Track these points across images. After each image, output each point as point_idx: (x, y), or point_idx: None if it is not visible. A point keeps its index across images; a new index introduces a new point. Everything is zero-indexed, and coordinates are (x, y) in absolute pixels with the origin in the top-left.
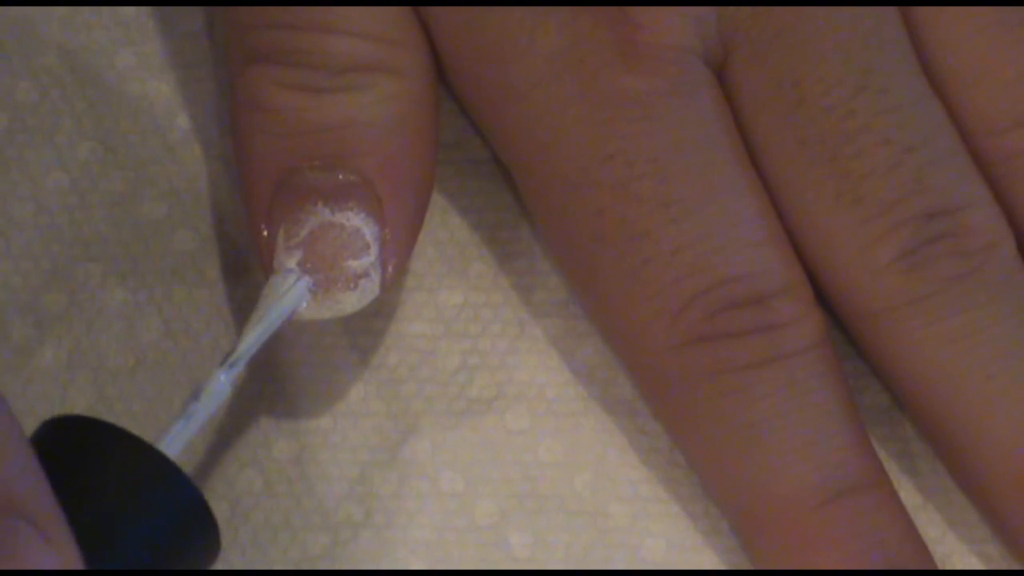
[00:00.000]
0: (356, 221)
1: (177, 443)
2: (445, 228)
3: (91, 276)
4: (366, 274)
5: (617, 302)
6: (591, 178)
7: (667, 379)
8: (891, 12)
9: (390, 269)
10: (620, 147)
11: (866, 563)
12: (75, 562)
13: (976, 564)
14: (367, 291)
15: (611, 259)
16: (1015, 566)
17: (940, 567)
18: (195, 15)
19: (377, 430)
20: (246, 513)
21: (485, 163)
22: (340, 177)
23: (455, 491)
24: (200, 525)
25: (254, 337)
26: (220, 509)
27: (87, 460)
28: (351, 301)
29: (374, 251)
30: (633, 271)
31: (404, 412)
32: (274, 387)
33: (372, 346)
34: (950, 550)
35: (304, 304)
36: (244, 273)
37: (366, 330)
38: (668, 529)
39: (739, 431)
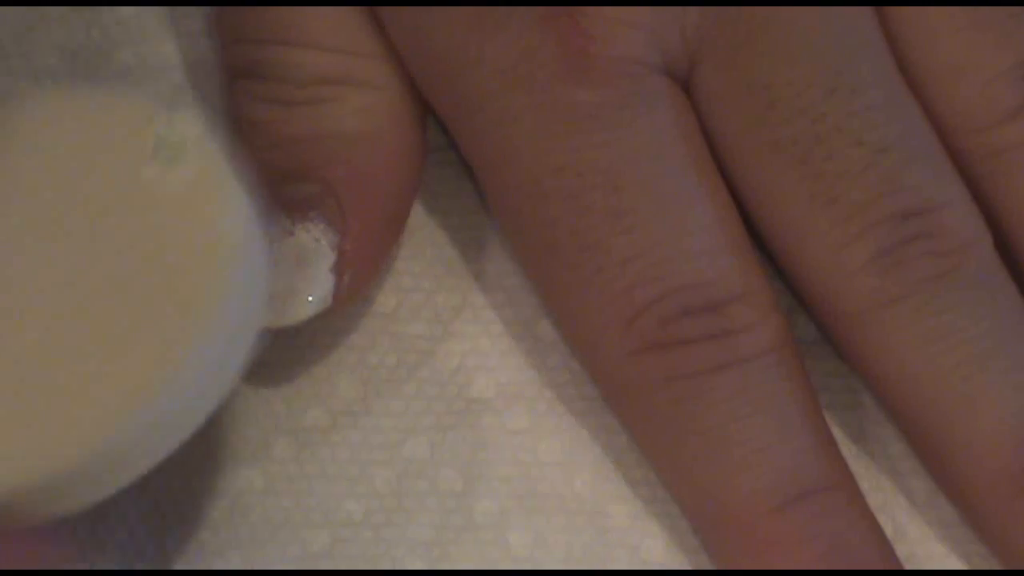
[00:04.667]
0: (316, 231)
1: None
2: (444, 229)
3: None
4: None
5: (573, 310)
6: (543, 189)
7: (624, 386)
8: (865, 12)
9: (346, 279)
10: (571, 159)
11: (825, 566)
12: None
13: (957, 565)
14: (319, 300)
15: (565, 269)
16: (997, 566)
17: (926, 567)
18: (195, 15)
19: (376, 429)
20: (246, 511)
21: None
22: (305, 189)
23: (454, 490)
24: None
25: None
26: (220, 507)
27: None
28: (302, 309)
29: (330, 261)
30: (586, 280)
31: (403, 412)
32: (273, 387)
33: (371, 346)
34: (931, 551)
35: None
36: None
37: (365, 330)
38: (668, 529)
39: (694, 436)
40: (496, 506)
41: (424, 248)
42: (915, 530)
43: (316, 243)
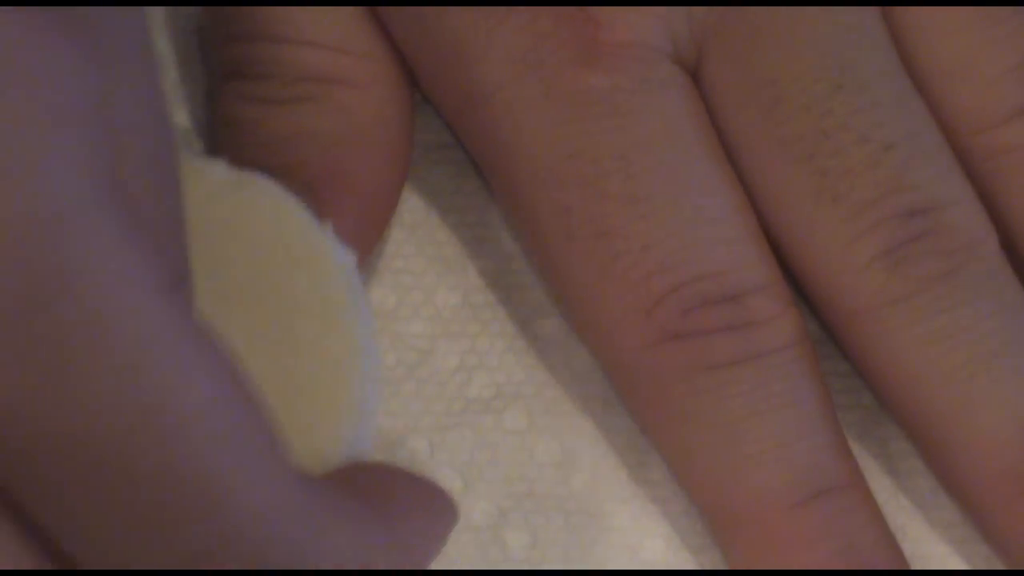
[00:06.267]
0: None
1: None
2: (444, 228)
3: None
4: None
5: (588, 300)
6: (557, 176)
7: (640, 377)
8: (870, 11)
9: None
10: (585, 144)
11: (839, 565)
12: None
13: (958, 565)
14: None
15: (580, 257)
16: (998, 566)
17: (927, 567)
18: (192, 14)
19: (376, 429)
20: None
21: None
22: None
23: (453, 491)
24: None
25: None
26: None
27: None
28: None
29: None
30: (603, 268)
31: (402, 411)
32: None
33: None
34: (932, 551)
35: None
36: None
37: None
38: (668, 529)
39: (712, 430)
40: (494, 506)
41: (424, 246)
42: (916, 530)
43: None
